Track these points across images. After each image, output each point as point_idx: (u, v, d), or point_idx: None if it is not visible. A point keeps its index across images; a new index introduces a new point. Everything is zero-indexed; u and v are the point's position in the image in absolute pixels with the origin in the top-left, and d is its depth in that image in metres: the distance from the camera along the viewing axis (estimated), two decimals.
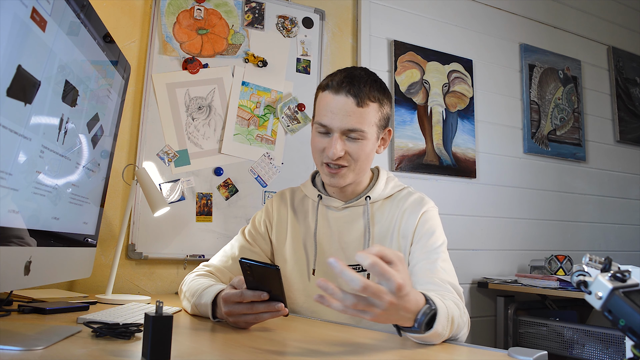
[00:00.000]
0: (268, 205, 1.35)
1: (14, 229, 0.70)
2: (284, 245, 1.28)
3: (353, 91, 1.11)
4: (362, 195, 1.24)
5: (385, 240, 1.20)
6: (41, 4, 0.70)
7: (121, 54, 1.15)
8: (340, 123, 1.11)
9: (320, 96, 1.18)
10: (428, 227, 1.19)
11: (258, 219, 1.34)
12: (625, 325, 0.53)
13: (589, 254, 0.64)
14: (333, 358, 0.77)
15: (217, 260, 1.29)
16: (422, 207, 1.21)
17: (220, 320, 1.00)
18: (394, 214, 1.22)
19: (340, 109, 1.11)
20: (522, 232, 2.45)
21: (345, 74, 1.15)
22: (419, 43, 2.27)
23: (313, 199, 1.28)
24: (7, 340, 0.69)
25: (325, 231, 1.24)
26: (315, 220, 1.25)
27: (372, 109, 1.13)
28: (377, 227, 1.21)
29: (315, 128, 1.18)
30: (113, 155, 1.19)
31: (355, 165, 1.15)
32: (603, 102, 2.87)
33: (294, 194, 1.34)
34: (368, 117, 1.13)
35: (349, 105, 1.11)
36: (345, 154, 1.13)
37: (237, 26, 1.87)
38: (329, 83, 1.15)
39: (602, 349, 1.80)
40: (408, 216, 1.20)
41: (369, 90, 1.12)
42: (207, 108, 1.79)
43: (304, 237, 1.26)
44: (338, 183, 1.17)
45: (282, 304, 0.90)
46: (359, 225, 1.22)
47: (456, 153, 2.28)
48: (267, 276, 0.89)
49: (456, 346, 0.86)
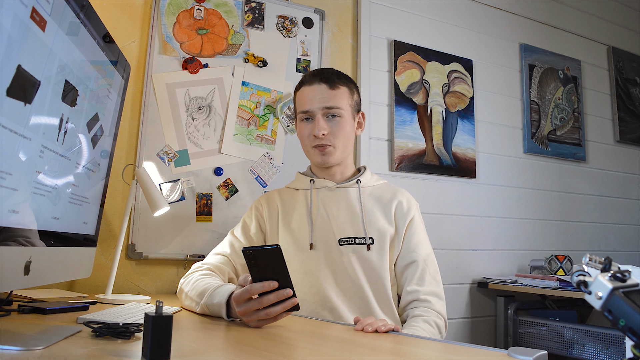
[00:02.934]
0: (256, 204, 1.44)
1: (14, 229, 0.70)
2: (277, 230, 1.37)
3: (324, 78, 1.33)
4: (351, 179, 1.39)
5: (377, 217, 1.34)
6: (41, 3, 0.70)
7: (121, 54, 1.15)
8: (319, 103, 1.31)
9: (298, 94, 1.39)
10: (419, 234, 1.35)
11: (247, 217, 1.42)
12: (625, 325, 0.53)
13: (589, 254, 0.64)
14: (333, 357, 0.77)
15: (213, 259, 1.32)
16: (412, 207, 1.38)
17: (235, 319, 1.02)
18: (384, 196, 1.38)
19: (316, 93, 1.32)
20: (522, 232, 2.45)
21: (314, 70, 1.39)
22: (419, 43, 2.27)
23: (305, 186, 1.40)
24: (7, 340, 0.68)
25: (319, 209, 1.35)
26: (310, 200, 1.36)
27: (343, 91, 1.34)
28: (368, 204, 1.35)
29: (299, 118, 1.37)
30: (113, 155, 1.19)
31: (338, 142, 1.33)
32: (603, 102, 2.87)
33: (280, 192, 1.45)
34: (341, 97, 1.33)
35: (323, 89, 1.32)
36: (328, 134, 1.31)
37: (237, 26, 1.87)
38: (303, 80, 1.37)
39: (602, 349, 1.80)
40: (400, 205, 1.36)
41: (337, 77, 1.35)
42: (207, 108, 1.79)
43: (297, 218, 1.35)
44: (328, 161, 1.34)
45: (290, 289, 0.92)
46: (353, 202, 1.35)
47: (456, 153, 2.28)
48: (271, 259, 0.91)
49: (456, 346, 0.86)
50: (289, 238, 1.33)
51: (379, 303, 1.28)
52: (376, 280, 1.29)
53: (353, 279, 1.28)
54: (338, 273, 1.29)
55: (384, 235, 1.31)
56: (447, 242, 2.22)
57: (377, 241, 1.31)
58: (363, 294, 1.27)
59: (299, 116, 1.37)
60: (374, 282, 1.29)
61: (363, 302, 1.27)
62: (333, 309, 1.25)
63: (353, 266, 1.28)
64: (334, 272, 1.29)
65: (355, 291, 1.28)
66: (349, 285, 1.28)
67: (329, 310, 1.25)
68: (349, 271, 1.28)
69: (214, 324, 1.00)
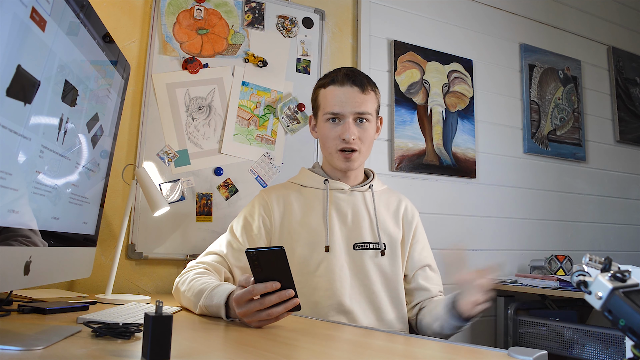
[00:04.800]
0: (260, 200, 1.36)
1: (14, 229, 0.70)
2: (291, 229, 1.31)
3: (357, 82, 1.31)
4: (364, 184, 1.40)
5: (388, 223, 1.37)
6: (41, 3, 0.70)
7: (121, 54, 1.15)
8: (352, 108, 1.30)
9: (324, 92, 1.35)
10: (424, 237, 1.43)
11: (249, 214, 1.34)
12: (625, 325, 0.53)
13: (589, 254, 0.64)
14: (333, 357, 0.77)
15: (209, 259, 1.29)
16: (415, 213, 1.44)
17: (234, 319, 1.01)
18: (392, 201, 1.42)
19: (349, 97, 1.30)
20: (522, 232, 2.45)
21: (344, 70, 1.35)
22: (419, 43, 2.27)
23: (317, 185, 1.38)
24: (7, 340, 0.68)
25: (334, 211, 1.34)
26: (325, 201, 1.35)
27: (371, 96, 1.34)
28: (380, 210, 1.38)
29: (324, 118, 1.33)
30: (113, 155, 1.19)
31: (363, 148, 1.33)
32: (603, 102, 2.87)
33: (286, 187, 1.41)
34: (370, 102, 1.33)
35: (356, 92, 1.30)
36: (357, 138, 1.31)
37: (237, 26, 1.87)
38: (333, 78, 1.33)
39: (602, 349, 1.80)
40: (407, 210, 1.42)
41: (367, 81, 1.34)
42: (207, 108, 1.79)
43: (314, 218, 1.32)
44: (352, 166, 1.34)
45: (292, 290, 0.92)
46: (367, 206, 1.37)
47: (456, 153, 2.28)
48: (274, 260, 0.90)
49: (456, 346, 0.86)
50: (305, 237, 1.30)
51: (393, 307, 1.31)
52: (390, 286, 1.32)
53: (367, 284, 1.29)
54: (354, 278, 1.29)
55: (395, 241, 1.35)
56: (447, 242, 2.22)
57: (389, 247, 1.34)
58: (377, 299, 1.29)
59: (324, 116, 1.33)
60: (388, 287, 1.31)
61: (375, 306, 1.29)
62: (347, 312, 1.25)
63: (368, 271, 1.30)
64: (350, 277, 1.29)
65: (369, 296, 1.29)
66: (363, 289, 1.29)
67: (343, 314, 1.25)
68: (363, 276, 1.29)
69: (213, 324, 1.00)
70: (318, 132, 1.38)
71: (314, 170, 1.43)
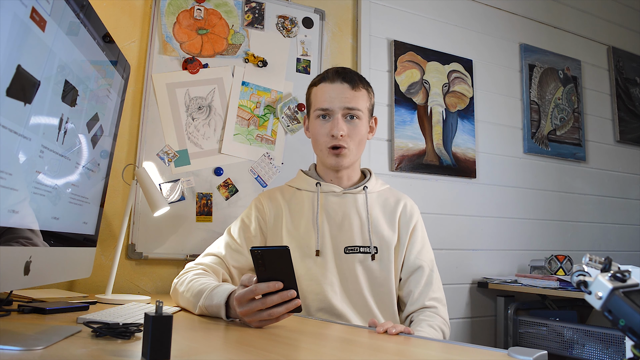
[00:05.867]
0: (257, 203, 1.39)
1: (14, 229, 0.70)
2: (281, 233, 1.32)
3: (347, 78, 1.32)
4: (358, 185, 1.37)
5: (382, 226, 1.34)
6: (41, 3, 0.70)
7: (121, 54, 1.15)
8: (340, 103, 1.30)
9: (315, 90, 1.36)
10: (422, 238, 1.38)
11: (246, 216, 1.37)
12: (625, 325, 0.53)
13: (589, 254, 0.64)
14: (333, 357, 0.77)
15: (207, 260, 1.29)
16: (415, 212, 1.40)
17: (234, 319, 1.01)
18: (389, 201, 1.39)
19: (339, 92, 1.30)
20: (522, 232, 2.45)
21: (336, 68, 1.36)
22: (419, 43, 2.27)
23: (310, 188, 1.37)
24: (7, 340, 0.68)
25: (325, 215, 1.33)
26: (316, 205, 1.33)
27: (363, 94, 1.33)
28: (374, 212, 1.35)
29: (315, 115, 1.34)
30: (113, 155, 1.19)
31: (353, 145, 1.32)
32: (603, 102, 2.87)
33: (282, 191, 1.41)
34: (361, 99, 1.33)
35: (345, 88, 1.31)
36: (346, 135, 1.30)
37: (237, 26, 1.87)
38: (324, 76, 1.34)
39: (602, 349, 1.80)
40: (405, 209, 1.38)
41: (359, 79, 1.34)
42: (207, 108, 1.79)
43: (304, 223, 1.32)
44: (342, 163, 1.32)
45: (295, 291, 0.92)
46: (359, 209, 1.34)
47: (456, 153, 2.28)
48: (279, 260, 0.90)
49: (456, 346, 0.87)
50: (294, 243, 1.30)
51: (381, 312, 1.30)
52: (379, 290, 1.30)
53: (357, 288, 1.28)
54: (343, 281, 1.29)
55: (388, 245, 1.32)
56: (447, 242, 2.22)
57: (381, 251, 1.31)
58: (366, 303, 1.28)
59: (314, 113, 1.34)
60: (377, 292, 1.30)
61: (366, 310, 1.28)
62: (339, 316, 1.25)
63: (357, 275, 1.29)
64: (339, 281, 1.29)
65: (359, 300, 1.28)
66: (353, 294, 1.28)
67: (334, 318, 1.25)
68: (353, 280, 1.29)
69: (213, 324, 1.00)
70: (310, 130, 1.38)
71: (308, 172, 1.43)
